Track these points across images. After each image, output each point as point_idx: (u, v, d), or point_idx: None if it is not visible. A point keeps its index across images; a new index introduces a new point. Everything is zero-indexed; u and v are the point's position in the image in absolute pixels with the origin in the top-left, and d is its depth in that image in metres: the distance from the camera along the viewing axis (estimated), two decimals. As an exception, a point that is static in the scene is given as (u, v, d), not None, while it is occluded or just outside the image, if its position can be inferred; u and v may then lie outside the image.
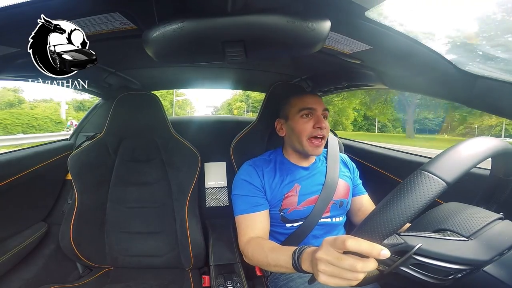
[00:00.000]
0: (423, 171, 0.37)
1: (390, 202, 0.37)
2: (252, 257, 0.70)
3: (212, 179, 1.31)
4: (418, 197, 0.35)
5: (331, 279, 0.41)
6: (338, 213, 0.84)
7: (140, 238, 1.00)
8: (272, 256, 0.62)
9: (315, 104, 0.79)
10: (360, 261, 0.37)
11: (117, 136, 1.04)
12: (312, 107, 0.79)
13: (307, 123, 0.78)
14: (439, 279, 0.41)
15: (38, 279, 0.94)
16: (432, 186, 0.36)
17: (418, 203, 0.35)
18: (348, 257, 0.38)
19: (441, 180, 0.36)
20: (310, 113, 0.79)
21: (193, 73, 1.35)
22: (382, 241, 0.38)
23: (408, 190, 0.36)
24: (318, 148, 0.78)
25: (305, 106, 0.79)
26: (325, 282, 0.42)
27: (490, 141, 0.42)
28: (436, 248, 0.40)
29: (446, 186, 0.36)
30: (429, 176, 0.36)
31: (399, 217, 0.36)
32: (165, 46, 0.56)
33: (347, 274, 0.39)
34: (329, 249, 0.41)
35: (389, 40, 0.60)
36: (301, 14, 0.49)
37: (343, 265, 0.38)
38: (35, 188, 1.00)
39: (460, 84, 0.65)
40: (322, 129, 0.77)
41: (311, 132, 0.78)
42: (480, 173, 0.72)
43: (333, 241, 0.41)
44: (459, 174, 0.37)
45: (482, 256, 0.39)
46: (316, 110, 0.79)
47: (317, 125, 0.77)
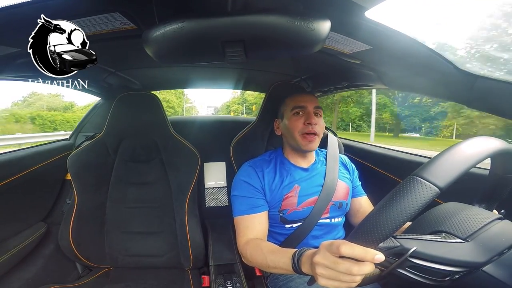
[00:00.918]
0: (416, 177, 0.37)
1: (383, 207, 0.37)
2: (250, 258, 0.70)
3: (211, 179, 1.31)
4: (410, 203, 0.36)
5: (330, 282, 0.42)
6: (337, 214, 0.84)
7: (139, 238, 1.00)
8: (271, 258, 0.62)
9: (306, 102, 0.82)
10: (355, 265, 0.38)
11: (116, 136, 1.04)
12: (303, 104, 0.81)
13: (298, 120, 0.81)
14: (436, 281, 0.41)
15: (38, 279, 0.94)
16: (424, 192, 0.36)
17: (411, 209, 0.36)
18: (344, 261, 0.39)
19: (433, 185, 0.36)
20: (301, 110, 0.81)
21: (193, 73, 1.35)
22: (377, 245, 0.38)
23: (401, 196, 0.37)
24: (312, 143, 0.80)
25: (296, 104, 0.82)
26: (325, 285, 0.43)
27: (484, 142, 0.42)
28: (431, 251, 0.40)
29: (439, 191, 0.36)
30: (421, 181, 0.37)
31: (392, 223, 0.36)
32: (165, 46, 0.56)
33: (344, 277, 0.40)
34: (326, 253, 0.42)
35: (389, 40, 0.60)
36: (301, 14, 0.49)
37: (340, 268, 0.40)
38: (35, 188, 1.00)
39: (460, 84, 0.65)
40: (312, 125, 0.79)
41: (302, 128, 0.80)
42: (480, 173, 0.72)
43: (329, 246, 0.42)
44: (452, 179, 0.37)
45: (478, 258, 0.39)
46: (307, 108, 0.81)
47: (307, 121, 0.79)
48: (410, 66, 0.72)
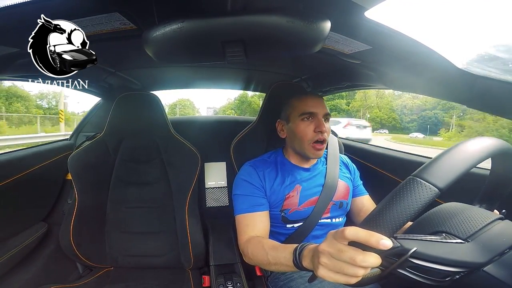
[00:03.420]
0: (416, 178, 0.37)
1: (383, 209, 0.37)
2: (252, 255, 0.69)
3: (212, 179, 1.31)
4: (410, 204, 0.36)
5: (330, 273, 0.41)
6: (338, 213, 0.84)
7: (140, 238, 1.00)
8: (272, 254, 0.61)
9: (316, 108, 0.78)
10: (360, 254, 0.37)
11: (117, 136, 1.04)
12: (314, 111, 0.78)
13: (308, 127, 0.78)
14: (437, 281, 0.41)
15: (38, 279, 0.94)
16: (424, 193, 0.36)
17: (410, 210, 0.35)
18: (349, 248, 0.38)
19: (433, 186, 0.36)
20: (311, 116, 0.78)
21: (193, 73, 1.35)
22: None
23: (400, 197, 0.36)
24: (320, 151, 0.79)
25: (306, 110, 0.78)
26: (323, 276, 0.41)
27: (484, 142, 0.42)
28: (432, 251, 0.40)
29: (439, 192, 0.36)
30: (421, 182, 0.36)
31: (392, 224, 0.36)
32: (165, 46, 0.56)
33: (347, 269, 0.38)
34: (332, 240, 0.41)
35: (389, 40, 0.60)
36: (301, 14, 0.49)
37: (344, 257, 0.38)
38: (35, 188, 1.00)
39: (460, 84, 0.65)
40: (323, 133, 0.77)
41: (312, 137, 0.77)
42: (481, 173, 0.72)
43: (335, 233, 0.41)
44: (452, 179, 0.37)
45: (479, 259, 0.39)
46: (317, 115, 0.78)
47: (318, 129, 0.76)
48: (410, 66, 0.72)
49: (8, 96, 20.27)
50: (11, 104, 20.20)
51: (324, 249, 0.41)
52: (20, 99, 21.32)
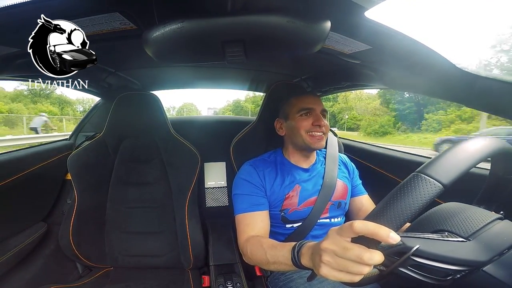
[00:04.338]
0: (420, 174, 0.37)
1: (387, 204, 0.37)
2: (251, 255, 0.69)
3: (212, 179, 1.31)
4: (414, 199, 0.35)
5: (334, 272, 0.39)
6: (337, 213, 0.85)
7: (140, 238, 1.00)
8: (271, 253, 0.61)
9: (314, 104, 0.81)
10: (367, 252, 0.36)
11: (117, 136, 1.04)
12: (311, 107, 0.81)
13: (306, 120, 0.80)
14: (438, 280, 0.41)
15: (38, 279, 0.94)
16: (428, 189, 0.36)
17: (415, 206, 0.35)
18: (355, 246, 0.37)
19: (437, 182, 0.36)
20: (309, 112, 0.81)
21: (193, 73, 1.35)
22: (380, 242, 0.38)
23: (405, 193, 0.36)
24: (320, 141, 0.80)
25: (304, 106, 0.81)
26: (326, 275, 0.40)
27: (488, 141, 0.42)
28: (434, 250, 0.40)
29: (443, 188, 0.36)
30: (425, 178, 0.36)
31: (396, 220, 0.36)
32: (165, 46, 0.56)
33: (352, 267, 0.37)
34: (336, 237, 0.39)
35: (389, 40, 0.60)
36: (301, 14, 0.49)
37: (349, 255, 0.37)
38: (35, 188, 1.00)
39: (460, 84, 0.65)
40: (321, 127, 0.79)
41: (310, 128, 0.79)
42: (480, 173, 0.72)
43: (340, 229, 0.39)
44: (456, 176, 0.37)
45: (480, 257, 0.39)
46: (315, 110, 0.80)
47: (316, 123, 0.79)
48: (410, 66, 0.72)
49: (60, 102, 26.11)
50: (63, 108, 25.99)
51: (327, 247, 0.39)
52: (68, 104, 27.09)
